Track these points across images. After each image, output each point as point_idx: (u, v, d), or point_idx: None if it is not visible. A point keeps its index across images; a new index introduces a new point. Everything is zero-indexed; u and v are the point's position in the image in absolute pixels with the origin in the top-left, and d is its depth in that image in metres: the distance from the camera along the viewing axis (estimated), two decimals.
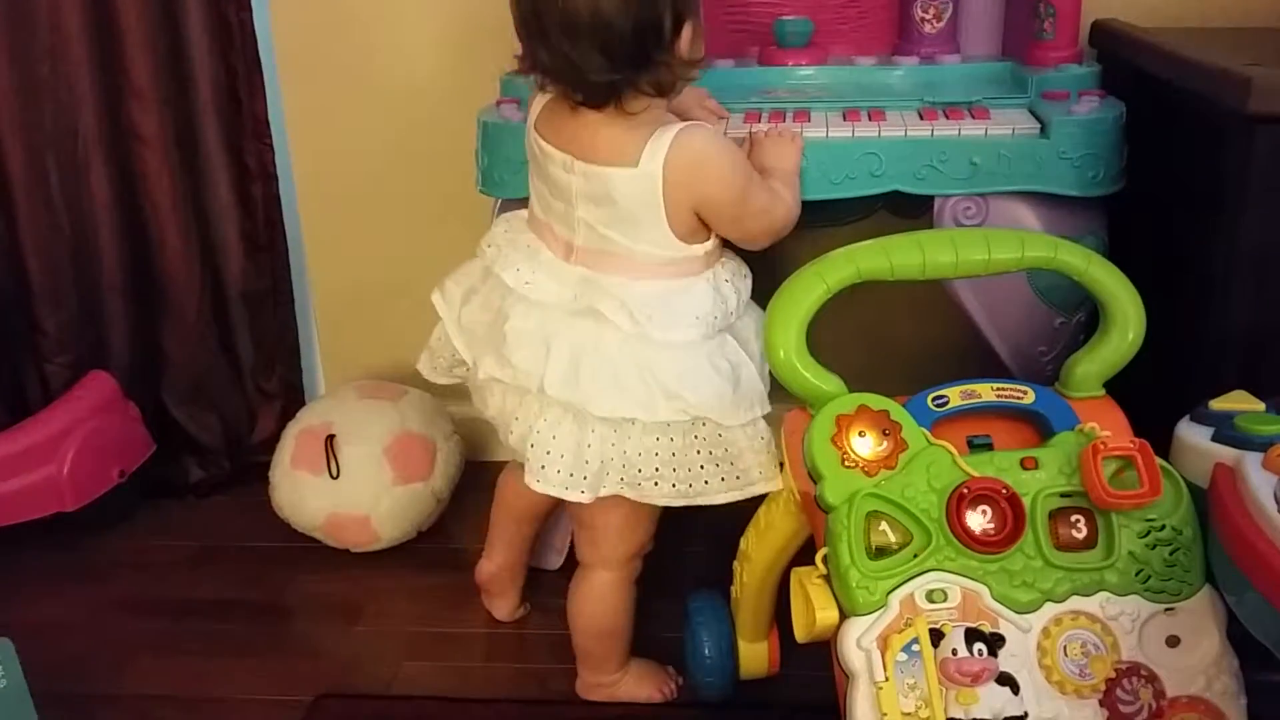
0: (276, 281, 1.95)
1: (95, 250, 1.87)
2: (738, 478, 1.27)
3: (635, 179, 1.19)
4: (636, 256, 1.24)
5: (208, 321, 1.94)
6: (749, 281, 1.32)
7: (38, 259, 1.85)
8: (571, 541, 1.63)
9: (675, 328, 1.23)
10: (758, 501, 1.30)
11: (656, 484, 1.26)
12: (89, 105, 1.80)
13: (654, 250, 1.23)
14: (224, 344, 1.97)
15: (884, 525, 1.04)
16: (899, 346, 1.85)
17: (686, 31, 1.19)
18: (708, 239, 1.26)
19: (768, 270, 1.75)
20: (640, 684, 1.44)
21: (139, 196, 1.86)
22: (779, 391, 1.14)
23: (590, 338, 1.23)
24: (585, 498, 1.25)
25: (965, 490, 1.03)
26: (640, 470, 1.25)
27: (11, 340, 1.90)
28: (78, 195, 1.84)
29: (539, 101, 1.27)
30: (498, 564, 1.58)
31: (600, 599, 1.38)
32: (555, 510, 1.57)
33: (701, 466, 1.26)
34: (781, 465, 1.22)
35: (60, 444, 1.78)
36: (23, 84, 1.77)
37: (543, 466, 1.25)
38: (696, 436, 1.25)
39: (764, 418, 1.27)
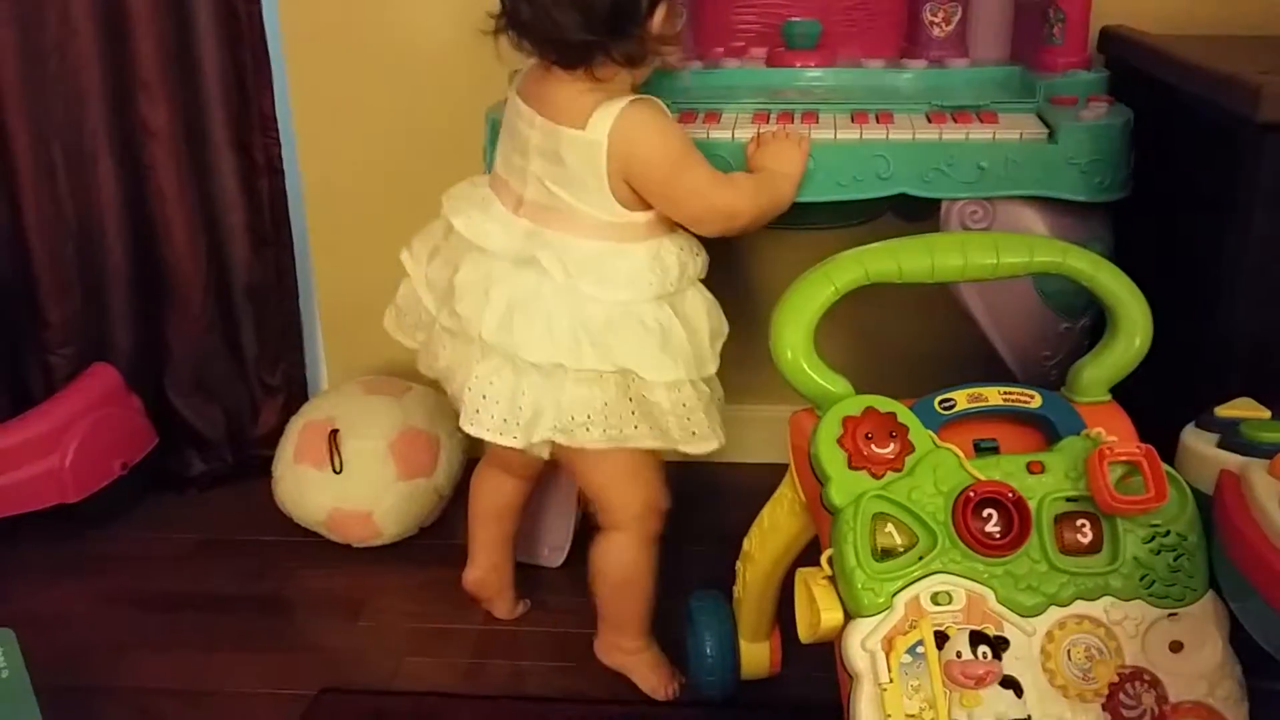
0: (281, 275, 1.95)
1: (100, 242, 1.87)
2: (664, 431, 1.31)
3: (581, 141, 1.24)
4: (580, 216, 1.28)
5: (212, 315, 1.94)
6: (700, 260, 1.35)
7: (43, 250, 1.84)
8: (574, 535, 1.68)
9: (606, 286, 1.27)
10: (762, 501, 1.30)
11: (588, 429, 1.29)
12: (96, 98, 1.80)
13: (596, 212, 1.28)
14: (228, 337, 1.97)
15: (890, 527, 1.04)
16: (904, 349, 1.85)
17: (661, 10, 1.24)
18: (650, 208, 1.29)
19: (771, 270, 1.76)
20: (653, 672, 1.45)
21: (145, 189, 1.86)
22: (786, 391, 1.14)
23: (529, 287, 1.28)
24: (518, 443, 1.30)
25: (971, 493, 1.03)
26: (573, 417, 1.29)
27: (15, 331, 1.90)
28: (84, 187, 1.84)
29: (524, 70, 1.32)
30: (482, 567, 1.57)
31: (612, 554, 1.41)
32: (534, 504, 1.58)
33: (632, 413, 1.30)
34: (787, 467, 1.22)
35: (63, 435, 1.78)
36: (31, 76, 1.77)
37: (477, 411, 1.30)
38: (629, 394, 1.29)
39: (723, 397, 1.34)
